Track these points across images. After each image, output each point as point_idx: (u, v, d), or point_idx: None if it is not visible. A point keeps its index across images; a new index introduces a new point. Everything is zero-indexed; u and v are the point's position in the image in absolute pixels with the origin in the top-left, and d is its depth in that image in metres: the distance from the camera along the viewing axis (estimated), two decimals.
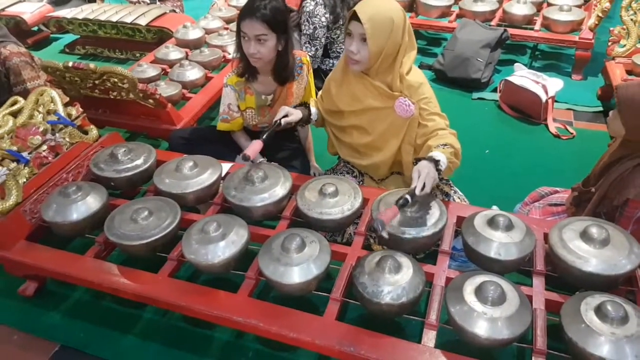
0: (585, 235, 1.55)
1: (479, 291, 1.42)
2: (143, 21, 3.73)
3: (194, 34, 3.37)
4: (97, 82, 2.45)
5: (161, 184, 1.97)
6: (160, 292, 1.66)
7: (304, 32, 2.99)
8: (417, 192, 1.59)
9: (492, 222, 1.66)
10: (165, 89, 2.72)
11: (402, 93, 1.88)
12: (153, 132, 2.63)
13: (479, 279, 1.47)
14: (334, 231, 1.97)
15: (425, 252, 1.94)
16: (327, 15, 2.95)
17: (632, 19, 3.01)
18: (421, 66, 3.66)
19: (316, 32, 2.95)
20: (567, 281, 1.57)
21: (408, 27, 1.85)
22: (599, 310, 1.34)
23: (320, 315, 1.56)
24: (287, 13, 2.12)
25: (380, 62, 1.83)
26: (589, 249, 1.52)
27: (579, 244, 1.54)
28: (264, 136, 1.91)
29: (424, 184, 1.60)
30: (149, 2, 4.52)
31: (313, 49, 3.00)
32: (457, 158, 1.77)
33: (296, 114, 1.98)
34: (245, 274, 1.70)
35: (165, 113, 2.52)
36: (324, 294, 1.62)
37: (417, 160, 1.77)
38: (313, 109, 2.10)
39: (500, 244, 1.60)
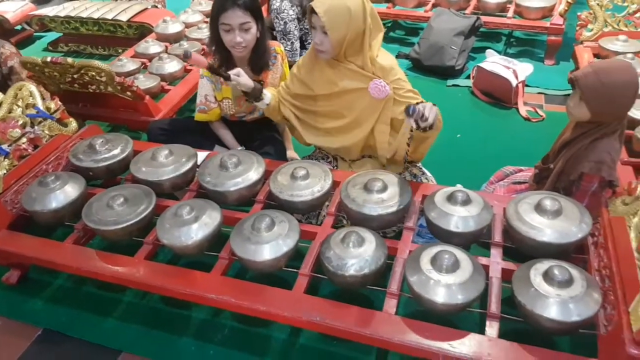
0: (539, 208, 1.63)
1: (434, 260, 1.51)
2: (124, 17, 3.77)
3: (173, 28, 3.43)
4: (75, 76, 2.51)
5: (138, 172, 2.04)
6: (137, 273, 1.73)
7: (277, 29, 3.06)
8: (427, 117, 1.65)
9: (451, 198, 1.74)
10: (144, 82, 2.78)
11: (376, 75, 1.93)
12: (132, 124, 2.69)
13: (435, 249, 1.55)
14: (306, 212, 2.04)
15: (394, 231, 2.01)
16: (295, 9, 3.02)
17: (598, 4, 3.09)
18: (398, 56, 3.73)
19: (287, 26, 3.02)
20: (523, 251, 1.65)
21: (370, 11, 1.88)
22: (546, 275, 1.43)
23: (290, 290, 1.64)
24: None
25: (346, 49, 1.89)
26: (542, 220, 1.61)
27: (533, 216, 1.63)
28: (211, 65, 1.97)
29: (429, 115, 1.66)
30: None
31: (289, 43, 3.07)
32: (440, 123, 1.85)
33: (247, 79, 1.98)
34: (218, 254, 1.77)
35: (144, 105, 2.58)
36: (294, 270, 1.69)
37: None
38: (268, 93, 2.08)
39: (458, 217, 1.68)
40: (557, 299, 1.38)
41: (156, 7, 4.13)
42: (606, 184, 1.76)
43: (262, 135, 2.45)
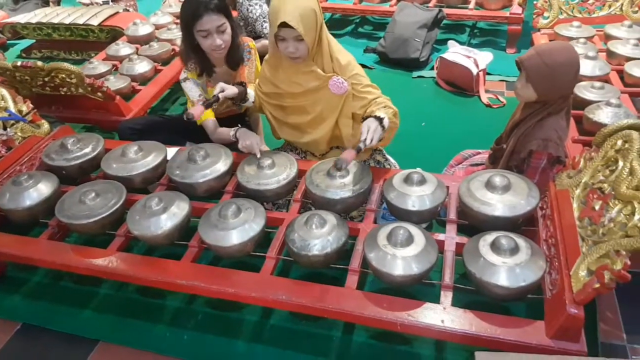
0: (489, 184, 1.73)
1: (390, 236, 1.60)
2: (95, 21, 3.81)
3: (143, 30, 3.48)
4: (46, 79, 2.55)
5: (109, 168, 2.10)
6: (110, 265, 1.79)
7: (255, 16, 3.01)
8: (367, 143, 1.75)
9: (407, 179, 1.83)
10: (115, 83, 2.84)
11: (335, 72, 2.01)
12: (104, 124, 2.74)
13: (391, 226, 1.64)
14: (274, 200, 2.11)
15: (361, 215, 2.10)
16: None
17: None
18: (366, 50, 3.83)
19: (263, 8, 3.02)
20: (476, 226, 1.74)
21: (320, 7, 1.95)
22: (493, 245, 1.53)
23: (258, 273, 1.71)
24: None
25: (316, 47, 1.95)
26: (492, 196, 1.71)
27: (484, 192, 1.72)
28: (205, 104, 1.95)
29: (372, 137, 1.76)
30: (101, 2, 4.60)
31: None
32: (396, 119, 1.93)
33: (232, 89, 2.05)
34: (188, 243, 1.84)
35: (115, 105, 2.63)
36: (262, 254, 1.77)
37: (363, 119, 1.89)
38: (250, 91, 2.19)
39: (414, 197, 1.77)
40: (504, 267, 1.47)
41: (127, 10, 4.18)
42: (555, 161, 1.86)
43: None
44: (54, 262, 1.86)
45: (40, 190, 2.02)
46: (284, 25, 1.80)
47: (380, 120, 1.82)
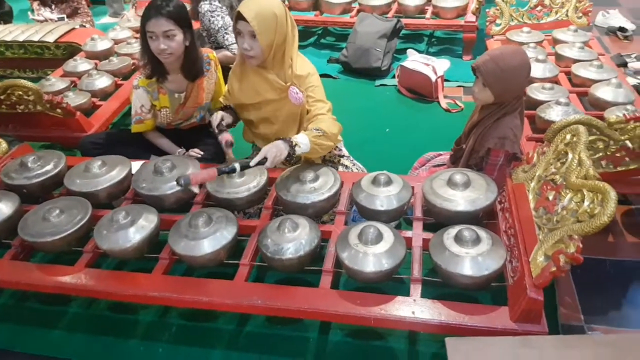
0: (450, 182, 1.81)
1: (361, 235, 1.65)
2: (51, 38, 3.75)
3: (102, 45, 3.45)
4: (2, 97, 2.50)
5: (72, 185, 2.06)
6: (79, 281, 1.76)
7: (217, 27, 3.02)
8: (252, 164, 1.81)
9: (375, 181, 1.89)
10: (74, 99, 2.80)
11: (293, 83, 2.06)
12: (65, 141, 2.70)
13: (360, 226, 1.69)
14: (245, 209, 2.12)
15: (332, 219, 2.13)
16: (225, 9, 3.08)
17: (503, 0, 3.37)
18: (330, 60, 3.92)
19: (225, 19, 3.04)
20: (440, 222, 1.81)
21: (291, 20, 2.02)
22: (457, 237, 1.60)
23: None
24: (187, 10, 2.24)
25: (274, 54, 1.99)
26: (454, 192, 1.78)
27: (445, 190, 1.80)
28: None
29: (264, 158, 1.80)
30: (56, 19, 4.53)
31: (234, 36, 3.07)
32: (329, 140, 1.97)
33: (229, 117, 2.19)
34: (159, 255, 1.83)
35: (75, 121, 2.60)
36: (235, 261, 1.78)
37: (277, 139, 1.92)
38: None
39: (382, 197, 1.83)
40: (467, 257, 1.54)
41: (84, 26, 4.13)
42: (511, 157, 1.96)
43: (200, 141, 2.51)
44: (19, 283, 1.81)
45: (1, 209, 1.96)
46: (241, 17, 1.88)
47: (290, 144, 1.85)
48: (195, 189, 2.00)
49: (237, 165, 1.83)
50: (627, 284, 2.00)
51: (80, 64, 3.26)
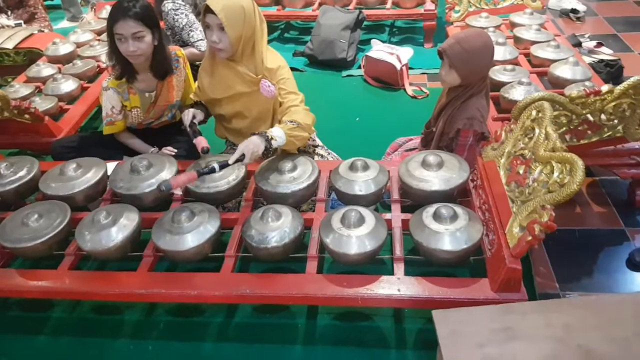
0: (424, 163, 1.87)
1: (343, 219, 1.69)
2: (10, 44, 3.64)
3: (64, 49, 3.39)
4: None
5: (48, 189, 2.04)
6: (63, 284, 1.75)
7: (181, 25, 3.02)
8: (230, 162, 1.83)
9: (352, 167, 1.94)
10: (41, 104, 2.75)
11: (264, 76, 2.08)
12: (35, 146, 2.65)
13: (343, 210, 1.74)
14: (224, 202, 2.13)
15: (311, 208, 2.17)
16: (189, 0, 3.07)
17: None
18: (295, 54, 3.95)
19: (189, 17, 3.03)
20: (417, 202, 1.87)
21: (259, 14, 2.04)
22: (435, 215, 1.66)
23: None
24: (153, 10, 2.23)
25: (243, 47, 2.01)
26: (428, 173, 1.85)
27: (420, 171, 1.86)
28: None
29: (242, 155, 1.83)
30: (13, 25, 4.40)
31: (199, 32, 3.04)
32: (304, 131, 2.00)
33: (200, 113, 2.19)
34: (143, 253, 1.83)
35: (44, 126, 2.56)
36: (220, 254, 1.80)
37: (252, 134, 1.94)
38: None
39: (360, 182, 1.88)
40: (446, 233, 1.61)
41: (42, 31, 4.03)
42: (480, 137, 2.04)
43: (171, 139, 2.51)
44: (1, 290, 1.79)
45: None
46: (209, 10, 1.90)
47: (267, 138, 1.87)
48: (178, 192, 2.00)
49: (216, 165, 1.84)
50: (597, 251, 2.11)
51: (44, 68, 3.20)
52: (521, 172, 1.67)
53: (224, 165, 1.86)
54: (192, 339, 1.85)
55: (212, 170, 1.85)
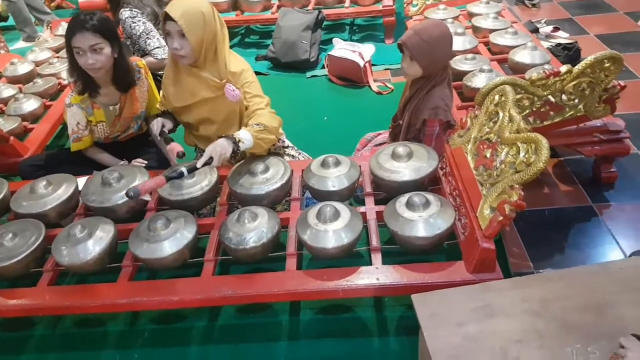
0: (394, 155, 1.92)
1: (319, 214, 1.72)
2: None
3: (23, 68, 3.34)
4: None
5: (19, 208, 2.02)
6: (44, 301, 1.74)
7: (138, 33, 2.99)
8: (199, 165, 1.85)
9: (324, 164, 1.97)
10: (4, 125, 2.71)
11: (229, 80, 2.10)
12: (2, 167, 2.60)
13: (318, 206, 1.77)
14: (199, 209, 2.14)
15: (286, 209, 2.19)
16: (145, 12, 3.06)
17: None
18: (257, 58, 3.96)
19: (147, 25, 3.00)
20: (390, 194, 1.91)
21: (219, 19, 2.06)
22: (408, 203, 1.71)
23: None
24: (112, 22, 2.22)
25: (205, 53, 2.02)
26: (399, 164, 1.90)
27: (391, 163, 1.91)
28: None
29: (210, 158, 1.85)
30: None
31: (156, 40, 3.01)
32: (270, 133, 2.02)
33: (168, 122, 2.20)
34: (121, 264, 1.83)
35: (10, 146, 2.52)
36: (199, 259, 1.80)
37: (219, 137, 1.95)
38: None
39: (333, 177, 1.92)
40: (420, 220, 1.66)
41: None
42: (446, 126, 2.09)
43: (140, 151, 2.49)
44: None
45: None
46: (169, 18, 1.91)
47: (234, 141, 1.89)
48: (147, 197, 2.00)
49: (183, 169, 1.85)
50: (566, 228, 2.19)
51: (4, 89, 3.14)
52: (488, 155, 1.73)
53: (192, 169, 1.86)
54: (177, 345, 1.85)
55: (181, 175, 1.85)
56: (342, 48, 3.47)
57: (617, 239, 2.10)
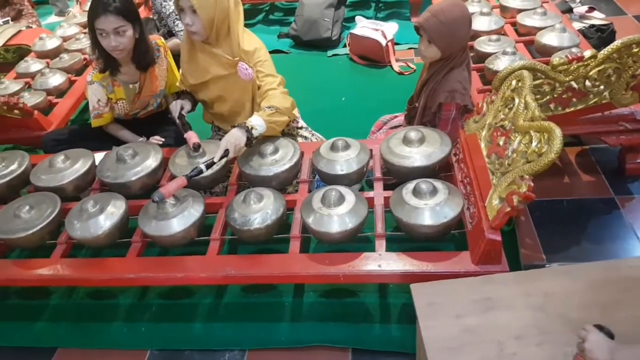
0: (405, 140, 1.88)
1: (323, 199, 1.71)
2: None
3: (51, 43, 3.39)
4: None
5: (38, 181, 2.08)
6: (57, 272, 1.79)
7: (168, 12, 2.99)
8: (216, 159, 1.86)
9: (333, 147, 1.95)
10: (30, 99, 2.78)
11: (241, 58, 2.09)
12: (26, 141, 2.68)
13: (322, 190, 1.76)
14: (210, 187, 2.16)
15: (296, 190, 2.19)
16: None
17: None
18: (280, 36, 3.93)
19: None
20: (400, 180, 1.88)
21: None
22: (414, 190, 1.67)
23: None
24: (133, 2, 2.23)
25: (217, 30, 2.01)
26: (410, 149, 1.86)
27: (402, 148, 1.87)
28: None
29: (226, 150, 1.85)
30: (1, 23, 4.40)
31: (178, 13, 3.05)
32: (283, 115, 2.01)
33: (187, 103, 2.20)
34: (131, 239, 1.87)
35: (34, 120, 2.58)
36: (206, 237, 1.83)
37: (232, 127, 1.96)
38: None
39: (342, 161, 1.90)
40: (426, 208, 1.63)
41: (30, 27, 4.04)
42: (463, 110, 2.04)
43: (159, 128, 2.52)
44: None
45: None
46: None
47: (247, 129, 1.89)
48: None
49: (202, 167, 1.86)
50: (585, 221, 2.11)
51: (32, 64, 3.21)
52: (501, 143, 1.67)
53: (210, 165, 1.87)
54: (183, 320, 1.90)
55: (200, 172, 1.86)
56: (364, 26, 3.40)
57: (637, 234, 2.01)
